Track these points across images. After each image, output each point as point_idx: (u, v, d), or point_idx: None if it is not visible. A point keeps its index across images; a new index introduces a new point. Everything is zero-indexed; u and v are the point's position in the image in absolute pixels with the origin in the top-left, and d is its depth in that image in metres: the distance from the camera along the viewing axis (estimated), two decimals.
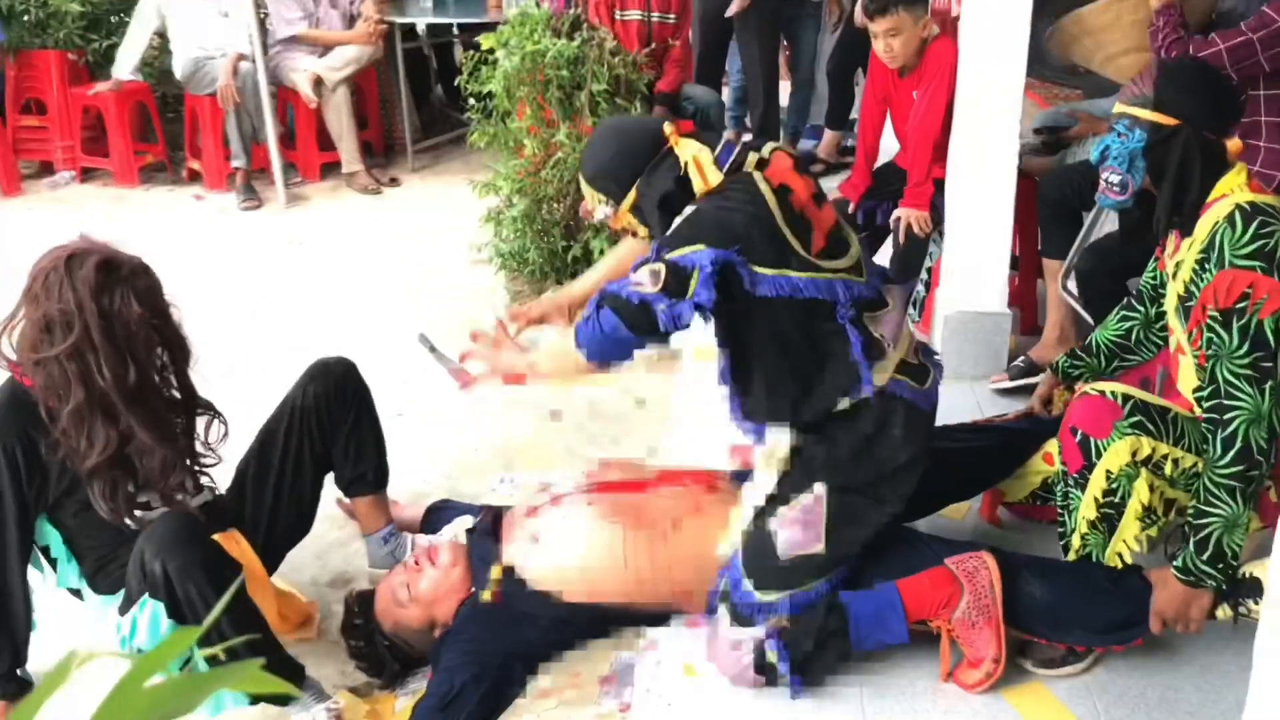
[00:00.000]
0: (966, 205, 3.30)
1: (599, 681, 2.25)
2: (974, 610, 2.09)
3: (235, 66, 5.50)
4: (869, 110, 3.76)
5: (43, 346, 2.02)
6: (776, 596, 2.11)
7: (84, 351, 2.02)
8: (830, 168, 5.50)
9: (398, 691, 2.31)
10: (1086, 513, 2.12)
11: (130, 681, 0.46)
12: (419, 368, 3.56)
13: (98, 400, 2.05)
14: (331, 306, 4.36)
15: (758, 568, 2.13)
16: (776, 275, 1.99)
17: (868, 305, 2.10)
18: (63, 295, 2.00)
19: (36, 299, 2.03)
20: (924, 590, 2.12)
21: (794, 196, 2.05)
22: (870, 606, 2.12)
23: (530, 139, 3.98)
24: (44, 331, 2.02)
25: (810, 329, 2.05)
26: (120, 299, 2.03)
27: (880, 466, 2.11)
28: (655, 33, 4.66)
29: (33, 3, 6.00)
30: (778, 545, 2.11)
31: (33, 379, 2.07)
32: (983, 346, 3.38)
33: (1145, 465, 2.07)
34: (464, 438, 3.32)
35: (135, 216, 5.55)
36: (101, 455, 2.08)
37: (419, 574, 2.34)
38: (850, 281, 2.07)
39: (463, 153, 6.31)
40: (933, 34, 3.47)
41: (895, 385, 2.11)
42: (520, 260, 4.18)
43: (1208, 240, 2.04)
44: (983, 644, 2.10)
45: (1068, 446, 2.13)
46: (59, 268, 2.02)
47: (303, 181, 6.01)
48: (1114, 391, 2.11)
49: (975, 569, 2.11)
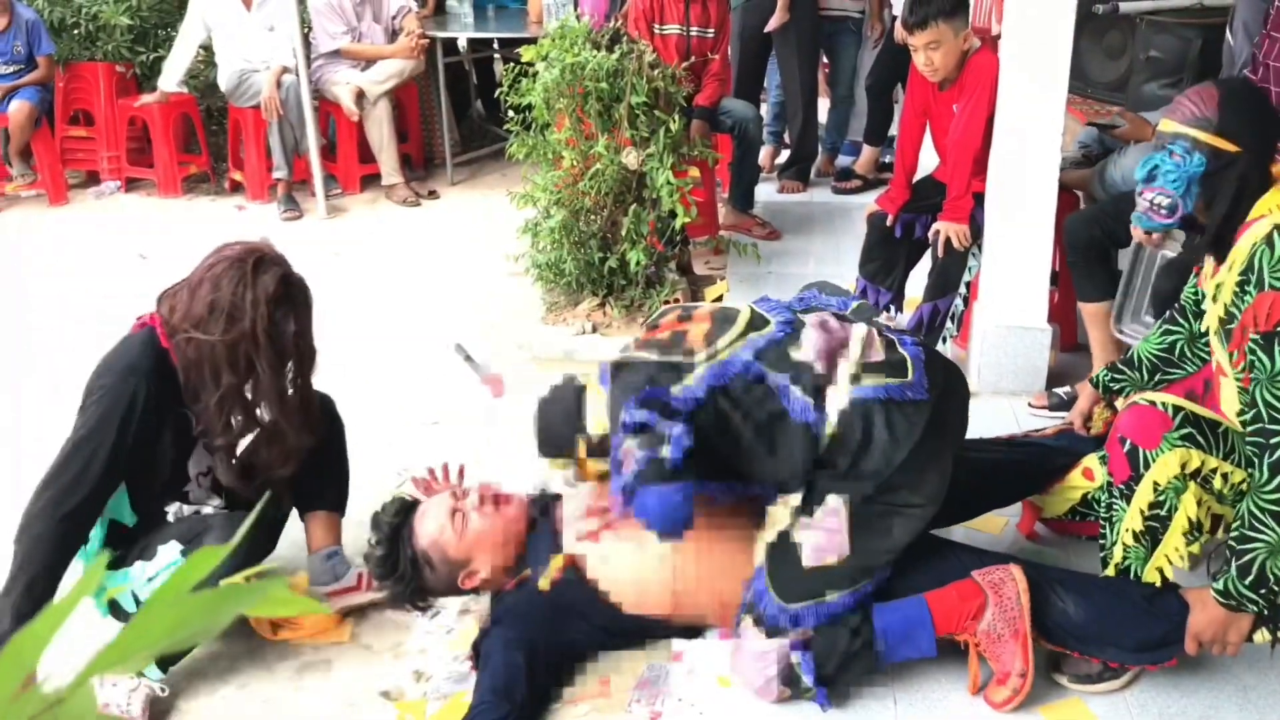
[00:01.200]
0: (1006, 219, 3.28)
1: (631, 688, 2.24)
2: (1000, 622, 2.06)
3: (279, 79, 5.58)
4: (908, 123, 3.75)
5: (207, 326, 2.20)
6: (801, 606, 2.09)
7: (244, 345, 2.22)
8: (868, 183, 5.49)
9: (429, 695, 2.31)
10: (1131, 524, 2.09)
11: (161, 597, 0.46)
12: (455, 376, 3.59)
13: (243, 388, 2.27)
14: (369, 316, 4.39)
15: (782, 578, 2.12)
16: (680, 392, 2.06)
17: (770, 351, 2.12)
18: (240, 290, 2.20)
19: (217, 283, 2.21)
20: (951, 603, 2.09)
21: (655, 336, 2.20)
22: (898, 620, 2.10)
23: (569, 151, 4.00)
24: (211, 313, 2.19)
25: (748, 415, 2.08)
26: (285, 314, 2.27)
27: (876, 476, 2.06)
28: (694, 47, 4.67)
29: (83, 16, 6.12)
30: (801, 555, 2.10)
31: (177, 347, 2.23)
32: (1022, 362, 3.35)
33: (1194, 479, 2.03)
34: (499, 446, 3.32)
35: (178, 226, 5.62)
36: (236, 436, 2.31)
37: (480, 512, 2.35)
38: (750, 340, 2.13)
39: (501, 166, 6.35)
40: (974, 47, 3.45)
41: (862, 393, 2.07)
42: (556, 271, 4.20)
43: (1247, 261, 2.00)
44: (1008, 657, 2.07)
45: (1115, 456, 2.10)
46: (246, 264, 2.22)
47: (343, 193, 6.07)
48: (1164, 402, 2.07)
49: (1002, 580, 2.08)
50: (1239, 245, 2.04)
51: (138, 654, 0.46)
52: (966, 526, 2.59)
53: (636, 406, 2.02)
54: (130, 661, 0.45)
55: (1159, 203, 2.12)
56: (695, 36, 4.68)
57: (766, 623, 2.12)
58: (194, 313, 2.21)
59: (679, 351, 2.12)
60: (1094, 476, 2.37)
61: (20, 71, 5.92)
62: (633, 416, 2.01)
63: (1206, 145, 2.05)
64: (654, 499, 1.99)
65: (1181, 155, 2.07)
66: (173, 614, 0.46)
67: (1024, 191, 3.24)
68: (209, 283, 2.22)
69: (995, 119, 3.28)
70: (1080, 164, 3.67)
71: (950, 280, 3.54)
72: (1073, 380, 3.32)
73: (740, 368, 2.09)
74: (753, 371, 2.08)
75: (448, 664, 2.39)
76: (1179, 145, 2.08)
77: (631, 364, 2.14)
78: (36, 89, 5.94)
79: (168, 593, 0.46)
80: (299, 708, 2.30)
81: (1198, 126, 2.06)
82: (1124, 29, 4.64)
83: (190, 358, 2.23)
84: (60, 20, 6.13)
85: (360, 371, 3.86)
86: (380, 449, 3.29)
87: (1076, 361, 3.54)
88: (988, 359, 3.34)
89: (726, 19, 4.82)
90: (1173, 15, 4.40)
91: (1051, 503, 2.49)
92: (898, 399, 2.07)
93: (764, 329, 2.15)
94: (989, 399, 3.34)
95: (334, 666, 2.41)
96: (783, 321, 2.17)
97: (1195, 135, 2.06)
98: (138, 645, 0.45)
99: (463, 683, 2.31)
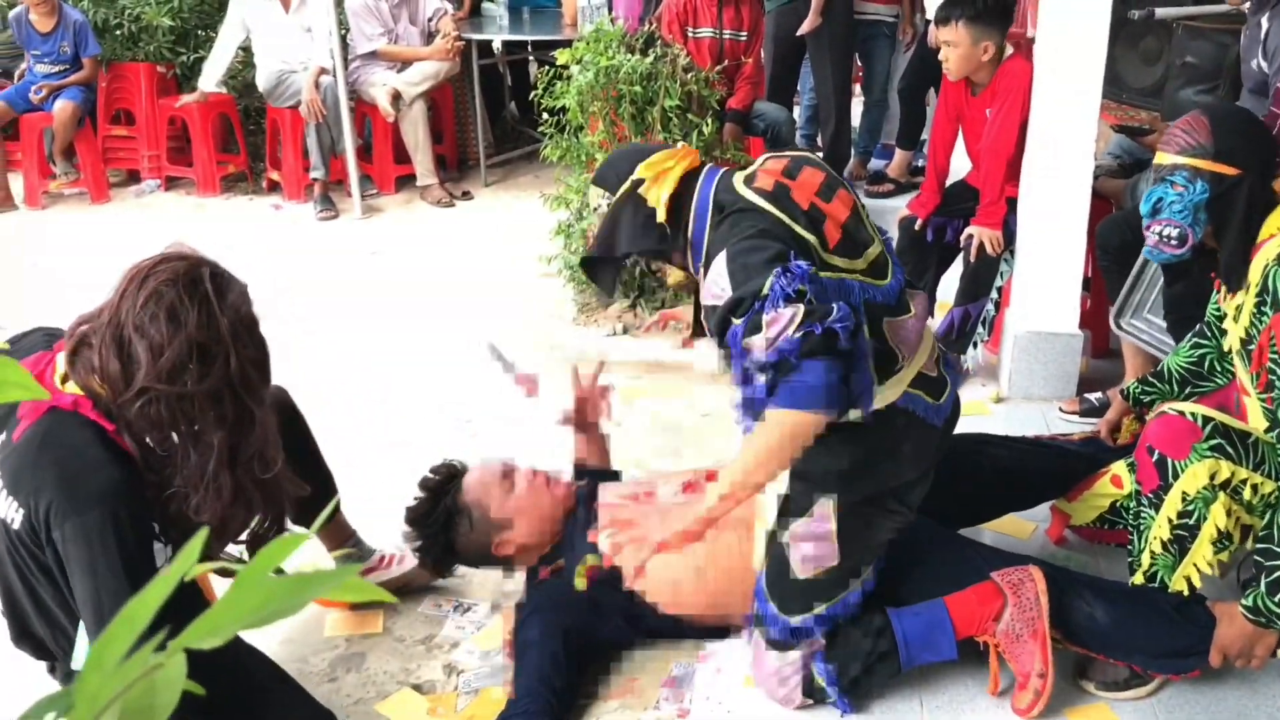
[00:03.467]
0: (1039, 225, 3.28)
1: (658, 686, 2.27)
2: (1018, 622, 2.05)
3: (316, 81, 5.64)
4: (941, 127, 3.76)
5: (181, 377, 1.68)
6: (803, 617, 2.06)
7: (227, 389, 1.73)
8: (900, 187, 5.49)
9: (459, 690, 2.35)
10: (1159, 533, 2.08)
11: (248, 578, 0.50)
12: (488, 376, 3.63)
13: (231, 446, 1.76)
14: (403, 316, 4.44)
15: (780, 590, 2.08)
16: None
17: (885, 311, 1.96)
18: (205, 320, 1.70)
19: (172, 318, 1.68)
20: (971, 606, 2.09)
21: (794, 193, 1.93)
22: (918, 625, 2.10)
23: (602, 154, 4.03)
24: (191, 359, 1.68)
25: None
26: (259, 337, 1.81)
27: (883, 483, 2.02)
28: (728, 50, 4.69)
29: (125, 17, 6.22)
30: (793, 565, 2.05)
31: (128, 421, 1.72)
32: (1053, 368, 3.35)
33: (1223, 489, 2.02)
34: (531, 446, 3.36)
35: (215, 225, 5.71)
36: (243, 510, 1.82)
37: (531, 481, 2.38)
38: (865, 284, 1.94)
39: (534, 168, 6.40)
40: (1007, 52, 3.46)
41: (908, 400, 1.99)
42: None
43: (1261, 283, 2.01)
44: (1027, 658, 2.05)
45: (1144, 465, 2.10)
46: (202, 286, 1.71)
47: (378, 193, 6.13)
48: (1194, 413, 2.06)
49: (1020, 581, 2.08)
50: (1252, 266, 2.05)
51: (227, 629, 0.49)
52: (995, 531, 2.59)
53: (788, 273, 1.75)
54: (219, 635, 0.49)
55: (1168, 234, 2.13)
56: (729, 40, 4.70)
57: (774, 636, 2.10)
58: (157, 366, 1.66)
59: (815, 233, 1.90)
60: (1123, 484, 2.37)
61: (66, 71, 6.02)
62: (789, 284, 1.74)
63: (1207, 172, 2.07)
64: (814, 374, 1.70)
65: (1183, 185, 2.09)
66: (258, 594, 0.49)
67: (1057, 197, 3.23)
68: (155, 324, 1.67)
69: (1029, 124, 3.28)
70: (1115, 173, 3.66)
71: (982, 285, 3.54)
72: (1104, 386, 3.31)
73: (853, 294, 1.90)
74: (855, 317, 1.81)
75: (478, 658, 2.42)
76: (1179, 176, 2.09)
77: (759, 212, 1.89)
78: (80, 89, 6.05)
79: (254, 574, 0.50)
80: (332, 700, 2.34)
81: (1195, 155, 2.08)
82: (1160, 34, 4.61)
83: (158, 421, 1.70)
84: (103, 21, 6.24)
85: (393, 369, 3.91)
86: (412, 447, 3.33)
87: (1108, 367, 3.53)
88: (1019, 364, 3.33)
89: (760, 22, 4.84)
90: (1209, 21, 4.36)
91: (1080, 510, 2.49)
92: (924, 420, 2.03)
93: (880, 282, 1.97)
94: (1020, 404, 3.34)
95: (366, 659, 2.45)
96: (896, 285, 2.01)
97: (1194, 164, 2.08)
98: (227, 621, 0.49)
99: (493, 678, 2.35)
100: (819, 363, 1.71)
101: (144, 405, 1.69)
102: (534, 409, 3.21)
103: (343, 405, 3.63)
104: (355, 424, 3.51)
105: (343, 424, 3.50)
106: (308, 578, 0.50)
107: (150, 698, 0.50)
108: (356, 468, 3.23)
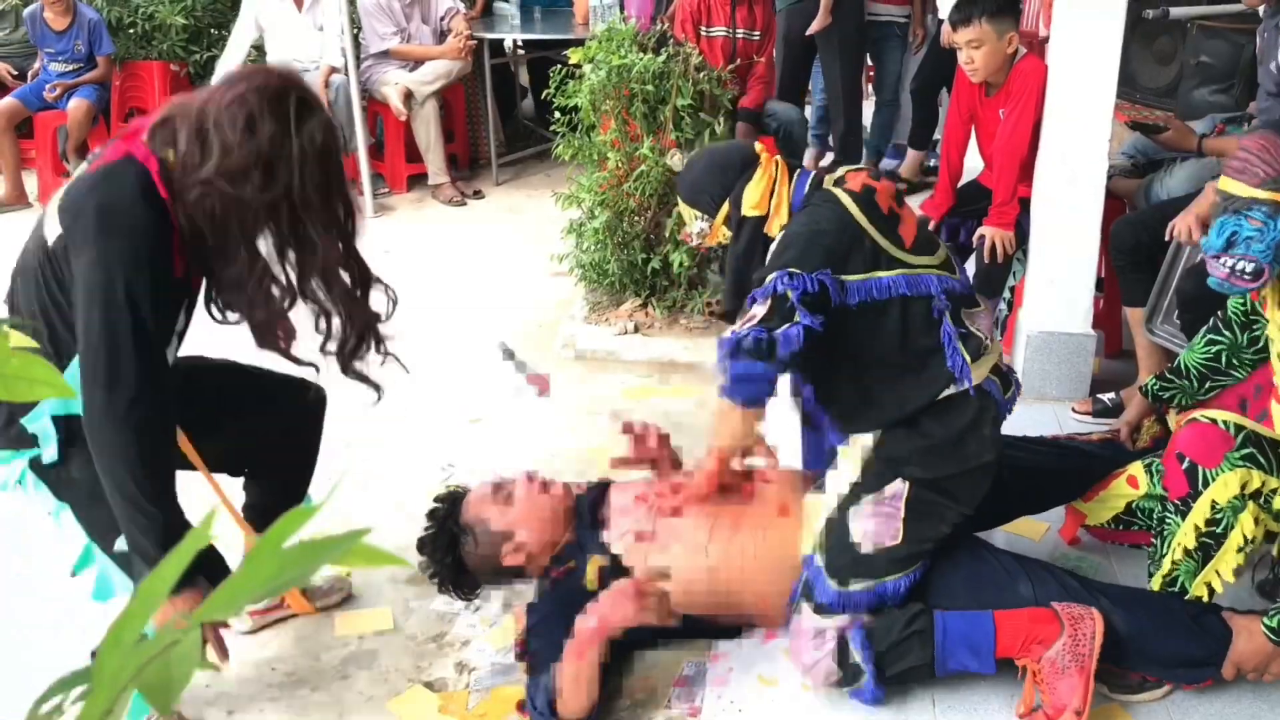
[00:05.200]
0: (1052, 225, 3.27)
1: (670, 685, 2.27)
2: (1068, 654, 2.00)
3: (327, 79, 5.66)
4: (954, 128, 3.75)
5: (238, 180, 1.77)
6: (857, 587, 2.10)
7: (285, 205, 1.82)
8: (913, 187, 5.48)
9: (471, 688, 2.35)
10: (1184, 540, 2.06)
11: (261, 550, 0.50)
12: (498, 374, 3.64)
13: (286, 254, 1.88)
14: (414, 314, 4.43)
15: (836, 558, 2.12)
16: (864, 280, 2.04)
17: (962, 300, 2.13)
18: (279, 139, 1.78)
19: (250, 125, 1.76)
20: (1021, 624, 2.05)
21: (878, 196, 2.11)
22: (961, 626, 2.08)
23: (614, 152, 4.03)
24: (245, 165, 1.76)
25: (905, 328, 2.07)
26: (336, 167, 1.88)
27: (965, 462, 2.10)
28: (740, 49, 4.69)
29: (139, 16, 6.24)
30: (856, 537, 2.10)
31: (189, 199, 1.80)
32: (1066, 368, 3.34)
33: (1253, 499, 2.00)
34: (541, 445, 3.36)
35: None
36: (280, 308, 1.94)
37: (526, 488, 2.39)
38: (943, 276, 2.11)
39: (545, 167, 6.41)
40: (1020, 52, 3.45)
41: (989, 384, 2.12)
42: (600, 272, 4.23)
43: None
44: (1066, 692, 1.99)
45: (1172, 472, 2.08)
46: (286, 105, 1.78)
47: (389, 192, 6.14)
48: (1226, 421, 2.03)
49: (1081, 615, 2.03)
50: None
51: (242, 601, 0.50)
52: (1007, 531, 2.59)
53: (791, 282, 1.96)
54: (235, 606, 0.49)
55: (1242, 269, 2.02)
56: (741, 39, 4.70)
57: (821, 602, 2.12)
58: (223, 163, 1.76)
59: (889, 237, 2.09)
60: (1139, 485, 2.36)
61: (80, 70, 6.05)
62: (783, 286, 1.96)
63: None
64: (741, 367, 1.95)
65: (1263, 220, 1.97)
66: (272, 565, 0.49)
67: (1070, 197, 3.22)
68: (233, 125, 1.76)
69: (1042, 124, 3.27)
70: (1129, 173, 3.65)
71: (995, 285, 3.54)
72: (1117, 386, 3.30)
73: (932, 290, 2.08)
74: (937, 304, 2.08)
75: (490, 657, 2.43)
76: (1257, 211, 1.98)
77: (841, 208, 2.09)
78: (95, 87, 6.07)
79: (267, 546, 0.50)
80: (344, 697, 2.34)
81: (1276, 188, 1.97)
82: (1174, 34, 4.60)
83: (212, 214, 1.81)
84: (117, 20, 6.26)
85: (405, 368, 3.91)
86: (423, 445, 3.34)
87: (1121, 368, 3.52)
88: (1032, 364, 3.33)
89: (772, 22, 4.84)
90: (1225, 20, 4.35)
91: (1095, 510, 2.48)
92: (999, 405, 2.14)
93: (954, 274, 2.14)
94: (1033, 404, 3.33)
95: (378, 656, 2.46)
96: (966, 279, 2.18)
97: (1276, 198, 1.97)
98: (243, 593, 0.50)
99: (504, 676, 2.35)
100: (741, 362, 1.95)
101: (202, 196, 1.78)
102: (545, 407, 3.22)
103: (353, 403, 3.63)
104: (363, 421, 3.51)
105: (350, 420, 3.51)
106: (318, 544, 0.50)
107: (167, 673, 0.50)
108: (362, 463, 3.24)
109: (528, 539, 2.35)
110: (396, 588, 2.69)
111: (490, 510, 2.38)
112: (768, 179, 2.20)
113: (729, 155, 2.29)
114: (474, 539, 2.37)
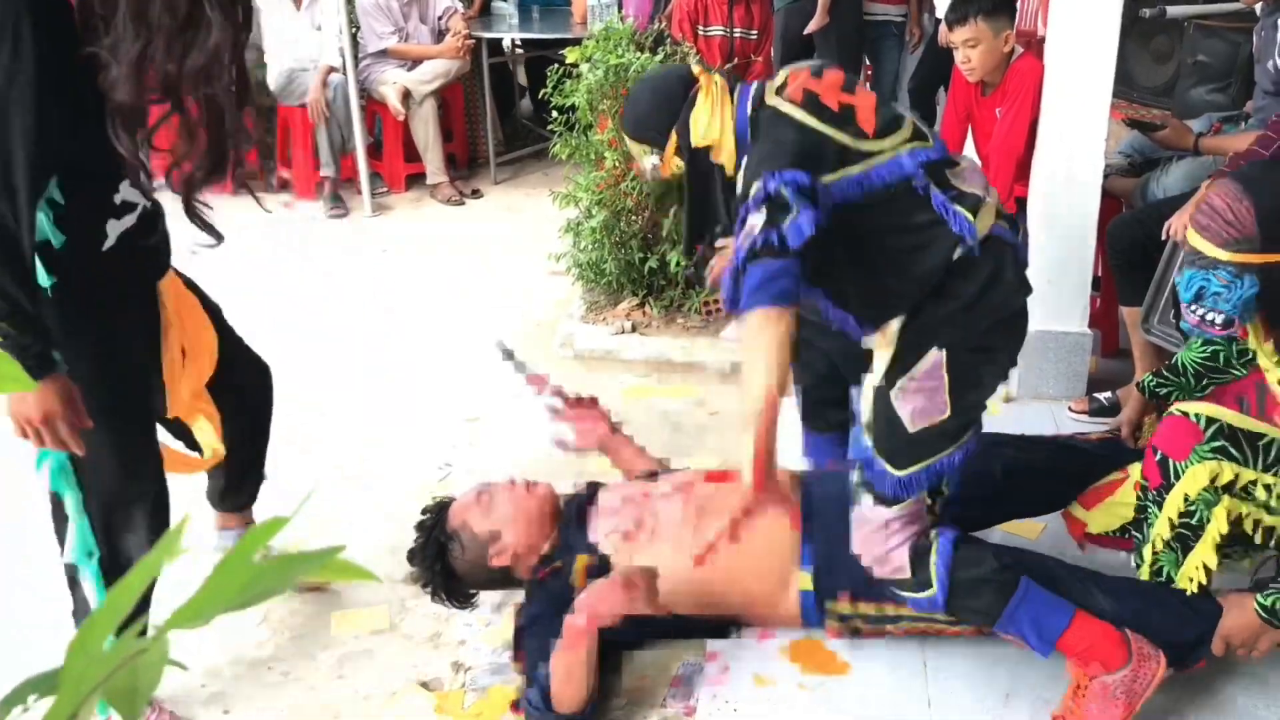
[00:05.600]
0: (1048, 224, 3.27)
1: (665, 685, 2.27)
2: (1122, 687, 2.00)
3: (325, 79, 5.66)
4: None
5: None
6: (910, 471, 2.06)
7: None
8: None
9: (467, 687, 2.35)
10: (1161, 532, 2.07)
11: (231, 562, 0.50)
12: (496, 373, 3.63)
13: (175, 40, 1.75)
14: (412, 313, 4.45)
15: (889, 446, 2.07)
16: (839, 180, 1.97)
17: (943, 164, 2.05)
18: None
19: None
20: (1094, 633, 2.04)
21: (821, 98, 2.01)
22: (1043, 603, 2.06)
23: (611, 152, 4.03)
24: None
25: (898, 213, 2.01)
26: None
27: (996, 313, 2.05)
28: (738, 48, 4.70)
29: None
30: (904, 419, 2.05)
31: None
32: (1062, 367, 3.34)
33: (1228, 491, 2.00)
34: (539, 443, 3.36)
35: (225, 221, 5.70)
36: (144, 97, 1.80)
37: (508, 491, 2.39)
38: (915, 149, 2.02)
39: (543, 166, 6.41)
40: (1016, 51, 3.45)
41: (999, 230, 2.05)
42: (597, 271, 4.23)
43: None
44: (1101, 717, 2.01)
45: (1149, 462, 2.09)
46: None
47: (388, 191, 6.14)
48: (1198, 414, 2.04)
49: (1150, 655, 2.02)
50: None
51: (210, 613, 0.50)
52: (1004, 531, 2.58)
53: (778, 179, 1.87)
54: (203, 618, 0.50)
55: (1212, 319, 2.04)
56: (739, 38, 4.71)
57: (879, 490, 2.08)
58: None
59: (848, 131, 2.00)
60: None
61: None
62: (770, 187, 1.87)
63: (1256, 266, 1.97)
64: (760, 269, 1.82)
65: (1229, 280, 1.98)
66: (242, 577, 0.50)
67: (1066, 196, 3.22)
68: None
69: (1038, 123, 3.27)
70: (1126, 172, 3.65)
71: None
72: (1114, 386, 3.30)
73: (908, 171, 2.01)
74: (917, 181, 2.00)
75: (486, 656, 2.43)
76: (1223, 271, 1.99)
77: (791, 121, 2.00)
78: None
79: (238, 558, 0.50)
80: (340, 696, 2.35)
81: (1242, 250, 1.97)
82: (1171, 33, 4.61)
83: None
84: None
85: (402, 367, 3.92)
86: (421, 444, 3.34)
87: (1118, 367, 3.52)
88: (1028, 364, 3.32)
89: (770, 21, 4.84)
90: (1222, 19, 4.36)
91: (1099, 518, 2.43)
92: (1015, 246, 2.07)
93: (925, 143, 2.06)
94: (1029, 404, 3.33)
95: (375, 656, 2.46)
96: (940, 144, 2.10)
97: (1241, 260, 1.97)
98: (212, 605, 0.50)
99: (500, 675, 2.35)
100: (758, 266, 1.81)
101: None
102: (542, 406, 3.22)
103: (351, 402, 3.64)
104: (362, 420, 3.52)
105: (349, 420, 3.51)
106: (290, 559, 0.51)
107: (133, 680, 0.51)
108: (360, 462, 3.25)
109: (512, 539, 2.35)
110: (393, 587, 2.69)
111: (474, 514, 2.39)
112: (711, 102, 2.12)
113: (669, 83, 2.19)
114: (460, 545, 2.38)
